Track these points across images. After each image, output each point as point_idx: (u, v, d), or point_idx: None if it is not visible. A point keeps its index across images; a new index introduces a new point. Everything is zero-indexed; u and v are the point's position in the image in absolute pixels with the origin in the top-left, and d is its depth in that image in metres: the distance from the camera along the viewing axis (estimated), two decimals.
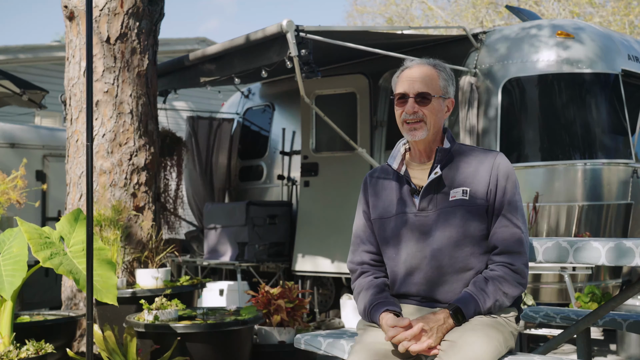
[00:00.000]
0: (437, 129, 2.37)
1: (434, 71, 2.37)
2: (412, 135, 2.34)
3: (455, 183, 2.32)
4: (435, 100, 2.33)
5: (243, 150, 7.99)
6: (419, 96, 2.32)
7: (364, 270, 2.45)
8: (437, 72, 2.37)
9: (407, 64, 2.43)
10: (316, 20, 56.30)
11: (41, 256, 3.46)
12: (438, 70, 2.37)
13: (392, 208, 2.38)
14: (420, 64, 2.39)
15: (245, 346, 4.25)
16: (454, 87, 2.42)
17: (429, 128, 2.33)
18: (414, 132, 2.33)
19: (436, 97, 2.33)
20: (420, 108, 2.32)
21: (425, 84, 2.33)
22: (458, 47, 5.84)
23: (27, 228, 3.57)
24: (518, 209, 2.30)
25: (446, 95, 2.37)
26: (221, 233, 6.87)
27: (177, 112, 11.06)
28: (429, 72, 2.36)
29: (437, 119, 2.35)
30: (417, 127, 2.33)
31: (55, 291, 5.47)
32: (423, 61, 2.41)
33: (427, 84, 2.33)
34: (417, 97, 2.32)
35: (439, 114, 2.35)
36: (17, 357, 3.49)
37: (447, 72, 2.40)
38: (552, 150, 5.43)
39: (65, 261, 3.53)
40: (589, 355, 3.18)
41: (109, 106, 5.01)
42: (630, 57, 5.68)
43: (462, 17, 19.57)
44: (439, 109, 2.35)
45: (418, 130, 2.33)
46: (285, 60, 4.85)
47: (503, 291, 2.24)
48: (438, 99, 2.34)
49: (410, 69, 2.38)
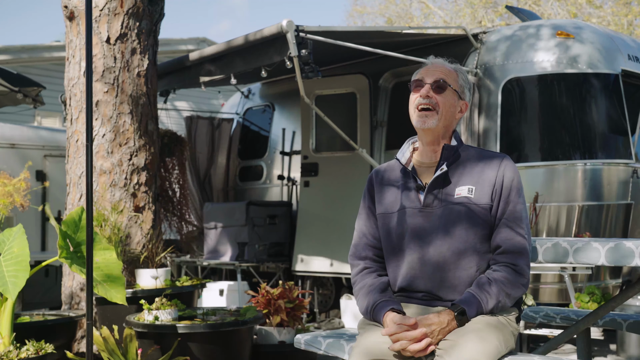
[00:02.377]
0: (448, 123, 2.38)
1: (453, 70, 2.43)
2: (423, 122, 2.35)
3: (461, 181, 2.33)
4: (451, 92, 2.37)
5: (243, 150, 7.99)
6: (435, 83, 2.36)
7: (367, 265, 2.44)
8: (456, 72, 2.43)
9: (430, 60, 2.49)
10: (316, 20, 56.35)
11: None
12: (458, 72, 2.44)
13: (397, 203, 2.39)
14: (441, 62, 2.46)
15: (245, 346, 4.25)
16: (470, 94, 2.46)
17: (440, 118, 2.35)
18: (425, 119, 2.34)
19: (452, 89, 2.37)
20: (434, 95, 2.35)
21: (444, 74, 2.39)
22: (458, 47, 5.84)
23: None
24: (522, 211, 2.31)
25: (462, 95, 2.41)
26: (221, 233, 6.87)
27: (178, 112, 11.06)
28: (449, 69, 2.42)
29: (449, 113, 2.37)
30: (428, 115, 2.35)
31: (55, 291, 5.47)
32: (445, 61, 2.47)
33: (445, 75, 2.39)
34: (434, 84, 2.36)
35: (452, 108, 2.38)
36: (17, 357, 3.49)
37: (465, 76, 2.46)
38: (552, 150, 5.43)
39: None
40: (589, 355, 3.18)
41: (109, 106, 5.01)
42: (630, 57, 5.68)
43: (461, 16, 19.57)
44: (453, 103, 2.38)
45: (429, 118, 2.34)
46: (285, 60, 4.85)
47: (506, 292, 2.24)
48: (454, 93, 2.38)
49: (431, 65, 2.45)
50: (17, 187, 3.98)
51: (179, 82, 6.56)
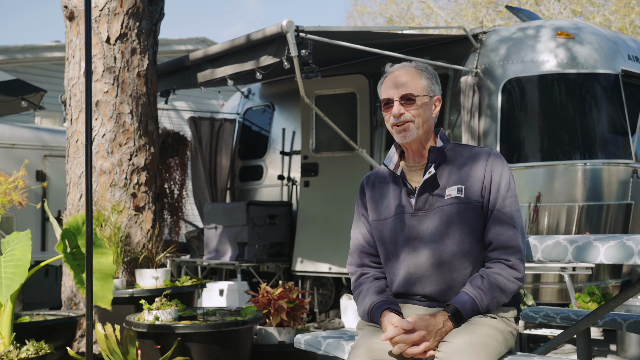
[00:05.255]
0: (427, 128, 2.38)
1: (415, 72, 2.40)
2: (402, 137, 2.36)
3: (450, 181, 2.33)
4: (420, 100, 2.35)
5: (243, 150, 7.99)
6: (403, 98, 2.35)
7: (364, 272, 2.45)
8: (418, 73, 2.39)
9: (388, 69, 2.46)
10: (316, 20, 56.38)
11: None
12: (419, 71, 2.40)
13: (390, 209, 2.39)
14: (400, 67, 2.43)
15: (245, 346, 4.25)
16: (439, 85, 2.44)
17: (418, 127, 2.35)
18: (404, 133, 2.35)
19: (420, 96, 2.35)
20: (406, 109, 2.34)
21: (407, 85, 2.36)
22: (458, 47, 5.84)
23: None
24: (512, 206, 2.30)
25: (431, 94, 2.39)
26: (221, 233, 6.87)
27: (178, 112, 11.06)
28: (410, 73, 2.39)
29: (425, 118, 2.36)
30: (405, 129, 2.35)
31: (55, 291, 5.47)
32: (403, 64, 2.45)
33: (409, 85, 2.36)
34: (402, 99, 2.35)
35: (426, 112, 2.37)
36: (17, 357, 3.49)
37: (429, 71, 2.42)
38: (552, 151, 5.43)
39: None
40: (589, 355, 3.18)
41: (109, 106, 5.01)
42: (630, 57, 5.68)
43: (462, 16, 19.57)
44: (426, 108, 2.37)
45: (407, 131, 2.35)
46: (283, 61, 4.84)
47: (500, 288, 2.23)
48: (423, 98, 2.36)
49: (391, 74, 2.42)
50: (13, 185, 3.97)
51: (179, 83, 6.56)
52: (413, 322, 2.15)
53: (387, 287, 2.40)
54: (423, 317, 2.19)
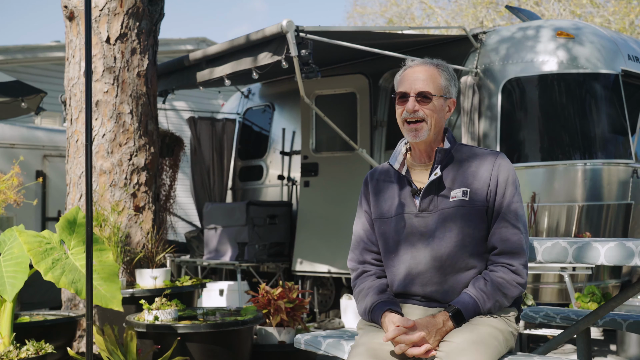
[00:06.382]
0: (438, 129, 2.36)
1: (436, 70, 2.35)
2: (413, 136, 2.32)
3: (456, 184, 2.31)
4: (437, 100, 2.32)
5: (243, 150, 7.99)
6: (419, 95, 2.30)
7: (366, 269, 2.44)
8: (438, 72, 2.35)
9: (409, 63, 2.41)
10: (316, 20, 56.39)
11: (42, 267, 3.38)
12: (440, 70, 2.36)
13: (393, 208, 2.37)
14: (422, 63, 2.38)
15: (245, 346, 4.25)
16: (456, 88, 2.40)
17: (430, 128, 2.31)
18: (415, 132, 2.31)
19: (437, 96, 2.32)
20: (421, 107, 2.30)
21: (426, 83, 2.31)
22: (458, 47, 5.84)
23: (27, 238, 3.48)
24: (518, 210, 2.29)
25: (447, 95, 2.35)
26: (221, 233, 6.87)
27: (177, 112, 11.05)
28: (430, 71, 2.34)
29: (438, 119, 2.33)
30: (417, 128, 2.31)
31: (55, 291, 5.46)
32: (425, 61, 2.39)
33: (428, 83, 2.31)
34: (418, 96, 2.30)
35: (440, 113, 2.33)
36: (17, 357, 3.49)
37: (449, 72, 2.38)
38: (552, 150, 5.43)
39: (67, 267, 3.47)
40: (589, 355, 3.18)
41: (108, 106, 5.01)
42: (630, 57, 5.68)
43: (463, 16, 19.57)
44: (440, 109, 2.33)
45: (419, 131, 2.31)
46: (282, 61, 4.83)
47: (502, 292, 2.23)
48: (439, 99, 2.33)
49: (411, 68, 2.37)
50: (9, 183, 3.95)
51: (179, 83, 6.57)
52: (414, 321, 2.15)
53: (387, 286, 2.39)
54: (423, 317, 2.19)
